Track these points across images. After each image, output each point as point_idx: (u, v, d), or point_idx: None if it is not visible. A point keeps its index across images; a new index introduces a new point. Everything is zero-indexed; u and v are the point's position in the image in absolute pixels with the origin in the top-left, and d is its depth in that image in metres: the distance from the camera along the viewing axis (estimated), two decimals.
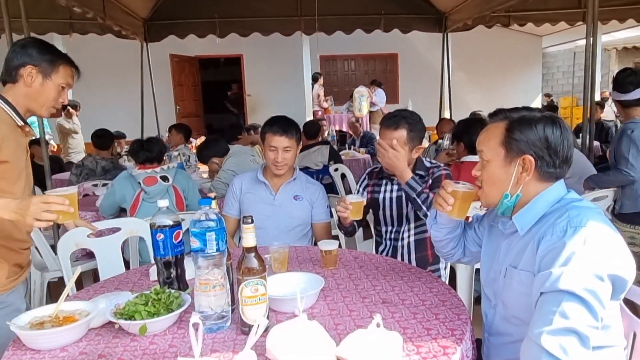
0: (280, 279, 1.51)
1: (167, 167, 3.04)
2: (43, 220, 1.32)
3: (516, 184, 1.24)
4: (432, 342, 1.16)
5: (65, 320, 1.25)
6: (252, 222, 1.23)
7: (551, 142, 1.21)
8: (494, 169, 1.28)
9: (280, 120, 2.25)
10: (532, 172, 1.22)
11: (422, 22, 6.82)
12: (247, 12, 6.40)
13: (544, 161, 1.21)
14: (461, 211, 1.42)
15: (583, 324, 1.02)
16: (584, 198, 2.57)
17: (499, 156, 1.26)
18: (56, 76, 1.58)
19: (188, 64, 10.61)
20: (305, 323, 1.09)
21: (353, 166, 5.09)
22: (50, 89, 1.58)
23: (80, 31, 6.28)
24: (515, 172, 1.24)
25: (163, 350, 1.18)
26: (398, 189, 2.13)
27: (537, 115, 1.24)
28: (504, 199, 1.26)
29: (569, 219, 1.14)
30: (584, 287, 1.04)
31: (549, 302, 1.06)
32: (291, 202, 2.26)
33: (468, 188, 1.38)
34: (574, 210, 1.17)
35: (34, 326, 1.23)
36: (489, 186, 1.30)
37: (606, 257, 1.08)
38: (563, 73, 13.17)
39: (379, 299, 1.44)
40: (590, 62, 3.68)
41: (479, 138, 1.34)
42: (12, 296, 1.59)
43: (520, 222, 1.25)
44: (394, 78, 11.25)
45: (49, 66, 1.57)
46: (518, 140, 1.23)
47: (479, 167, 1.33)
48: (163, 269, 1.46)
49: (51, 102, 1.61)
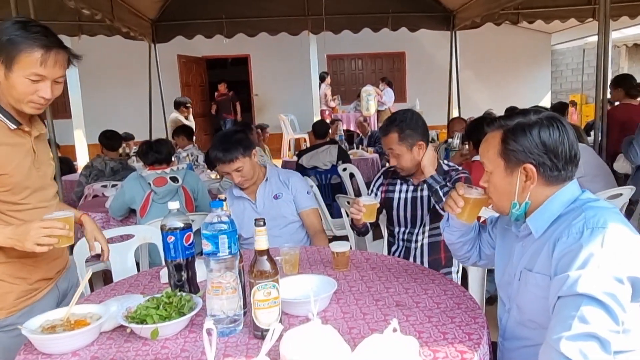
0: (292, 281, 1.49)
1: (176, 168, 3.04)
2: (44, 244, 1.29)
3: (522, 192, 1.22)
4: (449, 347, 1.13)
5: (76, 324, 1.23)
6: (264, 224, 1.22)
7: (549, 146, 1.17)
8: (497, 180, 1.26)
9: (219, 145, 2.12)
10: (536, 179, 1.19)
11: (430, 21, 6.78)
12: (254, 12, 6.39)
13: (545, 167, 1.18)
14: (470, 216, 1.41)
15: (604, 328, 1.00)
16: (600, 197, 2.56)
17: (499, 167, 1.24)
18: (18, 67, 1.30)
19: (195, 65, 10.63)
20: (320, 327, 1.07)
21: (361, 166, 5.07)
22: (17, 82, 1.32)
23: (88, 33, 6.31)
24: (518, 181, 1.21)
25: (175, 354, 1.16)
26: (413, 189, 2.12)
27: (532, 120, 1.20)
28: (513, 209, 1.24)
29: (585, 220, 1.11)
30: (604, 291, 1.01)
31: (568, 306, 1.04)
32: (272, 202, 2.24)
33: (480, 194, 1.37)
34: (591, 211, 1.14)
35: (45, 330, 1.22)
36: (497, 196, 1.29)
37: (625, 259, 1.05)
38: (572, 70, 13.03)
39: (392, 301, 1.42)
40: (602, 59, 3.64)
41: (480, 149, 1.32)
42: (23, 318, 1.33)
43: (535, 225, 1.23)
44: (402, 77, 11.19)
45: (8, 55, 1.30)
46: (515, 151, 1.20)
47: (485, 178, 1.31)
48: (174, 271, 1.45)
49: (25, 96, 1.34)
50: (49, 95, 1.36)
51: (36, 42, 1.30)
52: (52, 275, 1.55)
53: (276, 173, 2.32)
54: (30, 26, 1.32)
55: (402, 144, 2.03)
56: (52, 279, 1.56)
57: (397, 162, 2.07)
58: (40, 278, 1.50)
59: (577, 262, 1.06)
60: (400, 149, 2.04)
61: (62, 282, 1.61)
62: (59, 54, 1.35)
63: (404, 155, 2.05)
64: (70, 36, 6.60)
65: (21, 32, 1.30)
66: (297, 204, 2.27)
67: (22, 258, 1.42)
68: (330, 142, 4.83)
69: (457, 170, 2.10)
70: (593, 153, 3.38)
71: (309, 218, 2.27)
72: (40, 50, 1.31)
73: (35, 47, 1.30)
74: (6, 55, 1.30)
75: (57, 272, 1.58)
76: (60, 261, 1.60)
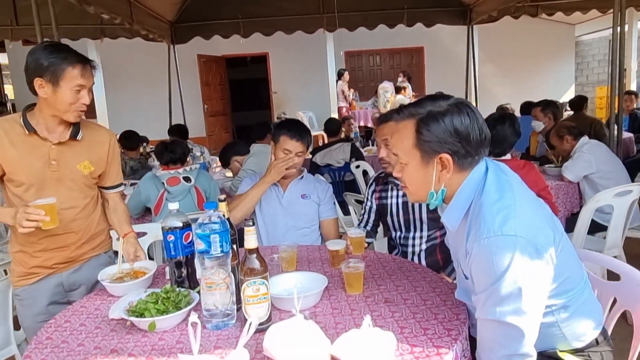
0: (286, 278, 1.56)
1: (189, 168, 3.14)
2: (25, 227, 1.52)
3: (438, 181, 1.22)
4: (428, 342, 1.18)
5: (138, 273, 1.68)
6: (253, 224, 1.29)
7: (462, 133, 1.16)
8: (413, 171, 1.24)
9: (297, 126, 2.30)
10: (452, 167, 1.19)
11: (446, 15, 6.72)
12: (270, 11, 6.47)
13: (460, 154, 1.18)
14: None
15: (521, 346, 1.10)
16: (609, 191, 2.51)
17: (415, 159, 1.22)
18: (64, 81, 1.59)
19: (215, 64, 10.80)
20: (301, 323, 1.13)
21: (376, 162, 5.09)
22: (64, 95, 1.61)
23: (110, 36, 6.50)
24: (435, 171, 1.21)
25: (170, 346, 1.25)
26: (403, 194, 2.13)
27: (443, 107, 1.18)
28: (431, 198, 1.24)
29: (486, 228, 1.10)
30: (513, 311, 1.08)
31: (486, 329, 1.15)
32: (299, 200, 2.30)
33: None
34: (488, 215, 1.12)
35: (115, 280, 1.64)
36: (414, 187, 1.28)
37: (527, 260, 1.07)
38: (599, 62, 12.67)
39: (381, 298, 1.47)
40: (617, 52, 3.57)
41: (392, 141, 1.30)
42: (24, 293, 1.77)
43: (449, 220, 1.25)
44: (420, 72, 11.11)
45: (54, 73, 1.58)
46: (430, 141, 1.18)
47: (398, 169, 1.28)
48: (174, 268, 1.53)
49: (70, 106, 1.63)
50: (88, 101, 1.67)
51: (74, 60, 1.61)
52: (49, 265, 1.78)
53: (312, 177, 2.42)
54: (60, 48, 1.64)
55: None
56: (51, 269, 1.79)
57: (388, 154, 2.03)
58: (35, 265, 1.77)
59: (485, 280, 1.10)
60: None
61: (70, 276, 1.82)
62: (88, 66, 1.66)
63: None
64: (94, 39, 6.83)
65: (57, 54, 1.60)
66: (320, 212, 2.34)
67: (23, 245, 1.74)
68: (344, 140, 4.88)
69: None
70: (607, 150, 3.34)
71: (328, 227, 2.35)
72: (79, 64, 1.62)
73: (74, 63, 1.61)
74: (52, 74, 1.59)
75: (56, 264, 1.79)
76: (62, 256, 1.79)
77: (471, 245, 1.13)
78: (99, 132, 1.85)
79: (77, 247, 1.81)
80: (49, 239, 1.73)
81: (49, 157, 1.68)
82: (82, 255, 1.83)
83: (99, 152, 1.82)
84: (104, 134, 1.86)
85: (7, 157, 1.65)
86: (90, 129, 1.82)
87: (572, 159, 3.21)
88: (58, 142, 1.70)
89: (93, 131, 1.82)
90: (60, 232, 1.72)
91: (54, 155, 1.69)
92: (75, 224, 1.78)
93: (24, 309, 1.79)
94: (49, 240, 1.74)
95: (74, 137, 1.73)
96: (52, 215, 1.54)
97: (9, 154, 1.65)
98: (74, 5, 3.99)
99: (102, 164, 1.84)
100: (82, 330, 1.37)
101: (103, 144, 1.84)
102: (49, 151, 1.68)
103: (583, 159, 3.15)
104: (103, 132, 1.87)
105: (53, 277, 1.80)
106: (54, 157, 1.69)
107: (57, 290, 1.80)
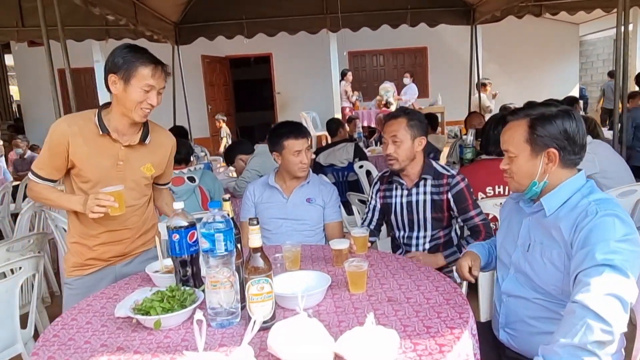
0: (291, 277, 1.58)
1: (194, 168, 3.17)
2: (95, 212, 1.62)
3: (543, 173, 1.41)
4: (430, 340, 1.19)
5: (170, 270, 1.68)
6: (257, 223, 1.30)
7: (570, 134, 1.37)
8: (521, 163, 1.43)
9: (293, 125, 2.33)
10: (557, 162, 1.38)
11: (450, 15, 6.72)
12: (273, 11, 6.49)
13: (566, 151, 1.38)
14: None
15: (624, 290, 1.17)
16: (613, 191, 2.56)
17: (525, 151, 1.42)
18: (135, 79, 1.66)
19: (219, 64, 10.84)
20: (305, 321, 1.14)
21: (379, 162, 5.10)
22: (133, 92, 1.67)
23: (115, 37, 6.53)
24: (542, 163, 1.40)
25: (176, 343, 1.26)
26: (407, 193, 2.14)
27: (554, 111, 1.39)
28: (533, 187, 1.43)
29: (597, 206, 1.30)
30: (621, 258, 1.19)
31: (590, 274, 1.20)
32: (304, 204, 2.31)
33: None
34: (598, 201, 1.33)
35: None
36: (518, 177, 1.46)
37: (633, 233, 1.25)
38: (603, 61, 12.64)
39: (385, 297, 1.48)
40: (621, 52, 3.56)
41: (503, 137, 1.48)
42: (77, 283, 1.87)
43: (548, 204, 1.41)
44: (424, 72, 11.12)
45: (127, 71, 1.66)
46: (542, 136, 1.38)
47: (507, 161, 1.47)
48: (179, 267, 1.55)
49: (137, 104, 1.69)
50: (155, 102, 1.72)
51: (147, 60, 1.68)
52: (105, 258, 1.88)
53: (318, 180, 2.42)
54: (137, 49, 1.71)
55: (408, 131, 2.06)
56: (107, 261, 1.88)
57: (396, 150, 2.07)
58: (92, 257, 1.86)
59: (594, 238, 1.24)
60: (404, 135, 2.06)
61: (122, 269, 1.92)
62: (161, 68, 1.71)
63: (405, 143, 2.07)
64: (98, 40, 6.87)
65: (132, 53, 1.67)
66: (325, 214, 2.35)
67: (82, 238, 1.83)
68: (347, 140, 4.89)
69: (453, 177, 2.11)
70: (610, 149, 3.33)
71: (332, 230, 2.36)
72: (151, 64, 1.68)
73: (147, 63, 1.67)
74: (125, 71, 1.66)
75: (112, 257, 1.89)
76: (117, 250, 1.89)
77: (581, 219, 1.30)
78: (164, 136, 1.94)
79: (131, 242, 1.90)
80: (107, 234, 1.83)
81: (117, 157, 1.78)
82: (135, 250, 1.93)
83: (161, 155, 1.91)
84: (168, 137, 1.96)
85: (78, 154, 1.73)
86: (157, 132, 1.90)
87: None
88: (128, 144, 1.78)
89: (159, 135, 1.91)
90: (118, 228, 1.84)
91: (122, 156, 1.78)
92: (130, 221, 1.87)
93: (73, 298, 1.83)
94: (107, 235, 1.83)
95: (142, 140, 1.82)
96: (120, 202, 1.64)
97: (80, 151, 1.73)
98: (79, 7, 4.03)
99: (163, 166, 1.94)
100: (89, 328, 1.38)
101: (166, 148, 1.93)
102: (118, 152, 1.78)
103: (586, 158, 3.09)
104: (167, 136, 1.96)
105: (108, 269, 1.89)
106: (121, 158, 1.78)
107: (110, 282, 1.87)
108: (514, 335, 1.54)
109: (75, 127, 1.72)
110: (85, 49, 7.13)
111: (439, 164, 2.19)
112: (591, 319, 1.15)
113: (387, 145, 2.09)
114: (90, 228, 1.80)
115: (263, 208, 2.33)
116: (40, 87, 8.60)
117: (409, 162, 2.10)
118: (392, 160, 2.10)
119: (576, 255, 1.28)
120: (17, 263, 1.99)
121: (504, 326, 1.57)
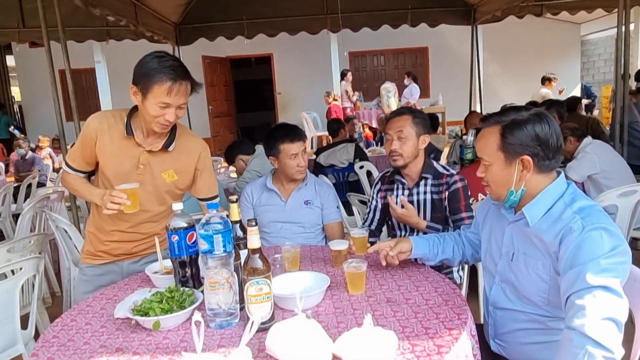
0: (290, 277, 1.58)
1: None
2: (109, 209, 1.63)
3: (519, 180, 1.37)
4: (428, 341, 1.19)
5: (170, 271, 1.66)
6: (255, 224, 1.30)
7: (542, 138, 1.32)
8: (496, 171, 1.40)
9: (288, 128, 2.33)
10: (532, 168, 1.34)
11: (450, 15, 6.73)
12: (274, 12, 6.50)
13: (540, 157, 1.33)
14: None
15: (617, 312, 1.14)
16: (613, 191, 2.55)
17: (499, 159, 1.38)
18: (151, 95, 1.61)
19: (220, 65, 10.84)
20: (304, 322, 1.14)
21: (380, 163, 5.10)
22: (149, 107, 1.63)
23: (116, 37, 6.56)
24: (516, 171, 1.36)
25: (175, 344, 1.26)
26: (409, 194, 2.14)
27: (525, 116, 1.34)
28: (510, 195, 1.39)
29: (582, 220, 1.24)
30: (611, 277, 1.15)
31: (582, 297, 1.16)
32: (302, 207, 2.31)
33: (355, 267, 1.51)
34: (583, 212, 1.27)
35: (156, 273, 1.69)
36: (495, 186, 1.43)
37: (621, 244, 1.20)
38: (605, 61, 12.61)
39: (383, 297, 1.48)
40: (622, 51, 3.56)
41: (478, 145, 1.45)
42: (88, 270, 1.91)
43: (530, 215, 1.36)
44: (425, 72, 11.11)
45: (145, 85, 1.61)
46: (513, 144, 1.34)
47: (483, 169, 1.44)
48: (179, 268, 1.55)
49: (154, 119, 1.65)
50: (172, 119, 1.67)
51: (166, 75, 1.59)
52: (114, 253, 1.91)
53: (314, 181, 2.41)
54: (164, 60, 1.62)
55: (413, 127, 2.06)
56: (115, 257, 1.91)
57: (401, 146, 2.06)
58: (102, 250, 1.90)
59: (583, 257, 1.19)
60: (410, 132, 2.06)
61: (129, 266, 1.93)
62: (182, 85, 1.63)
63: (410, 139, 2.06)
64: (99, 41, 6.89)
65: (156, 65, 1.60)
66: (324, 215, 2.35)
67: (97, 230, 1.88)
68: (347, 141, 4.90)
69: (451, 176, 2.11)
70: (611, 150, 3.33)
71: (332, 230, 2.36)
72: (169, 82, 1.60)
73: (164, 80, 1.59)
74: (143, 85, 1.62)
75: (121, 254, 1.91)
76: (126, 248, 1.90)
77: (567, 234, 1.25)
78: (192, 143, 1.86)
79: (142, 244, 1.90)
80: (119, 233, 1.86)
81: (138, 160, 1.77)
82: (144, 251, 1.93)
83: (185, 161, 1.84)
84: (196, 144, 1.87)
85: (103, 152, 1.76)
86: (184, 138, 1.84)
87: (576, 159, 3.21)
88: (150, 149, 1.76)
89: (186, 141, 1.84)
90: (130, 230, 1.85)
91: (143, 160, 1.77)
92: (143, 227, 1.86)
93: (82, 284, 1.91)
94: (119, 235, 1.86)
95: (165, 147, 1.78)
96: (133, 200, 1.64)
97: (105, 148, 1.75)
98: (79, 8, 4.04)
99: (188, 174, 1.86)
100: (88, 329, 1.39)
101: (192, 155, 1.85)
102: (140, 155, 1.77)
103: (587, 158, 3.14)
104: (196, 143, 1.87)
105: (115, 264, 1.92)
106: (142, 162, 1.77)
107: (116, 277, 1.90)
108: (504, 347, 1.51)
109: (105, 124, 1.74)
110: (86, 49, 7.14)
111: (439, 164, 2.19)
112: (592, 346, 1.11)
113: (392, 142, 2.09)
114: (105, 223, 1.84)
115: (262, 211, 2.33)
116: (42, 88, 8.63)
117: (413, 159, 2.10)
118: (397, 156, 2.09)
119: (565, 275, 1.22)
120: (18, 264, 2.00)
121: (493, 337, 1.55)
